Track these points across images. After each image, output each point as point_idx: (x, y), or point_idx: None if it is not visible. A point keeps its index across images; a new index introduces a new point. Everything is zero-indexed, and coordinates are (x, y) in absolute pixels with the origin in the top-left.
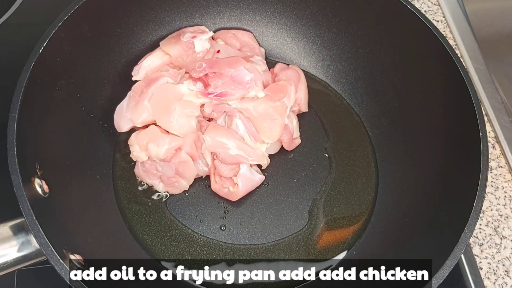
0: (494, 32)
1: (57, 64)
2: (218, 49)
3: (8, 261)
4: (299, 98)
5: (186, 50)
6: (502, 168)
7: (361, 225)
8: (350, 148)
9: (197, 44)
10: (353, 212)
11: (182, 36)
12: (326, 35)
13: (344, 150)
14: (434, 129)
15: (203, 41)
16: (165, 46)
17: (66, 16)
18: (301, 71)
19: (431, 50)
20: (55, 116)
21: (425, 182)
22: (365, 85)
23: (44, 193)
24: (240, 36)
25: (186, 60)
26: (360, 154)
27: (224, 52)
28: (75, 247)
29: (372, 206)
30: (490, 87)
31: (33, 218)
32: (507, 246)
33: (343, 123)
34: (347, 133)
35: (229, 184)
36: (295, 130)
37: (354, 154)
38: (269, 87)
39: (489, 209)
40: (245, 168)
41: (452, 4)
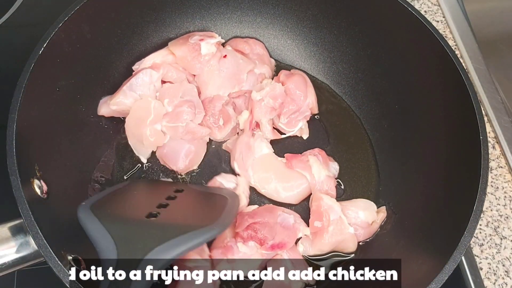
0: (494, 33)
1: (57, 65)
2: (225, 54)
3: (7, 262)
4: (310, 102)
5: (191, 52)
6: (502, 169)
7: None
8: (351, 151)
9: (203, 47)
10: None
11: (191, 38)
12: (327, 37)
13: (344, 153)
14: (434, 131)
15: (209, 44)
16: (172, 46)
17: (67, 17)
18: (305, 74)
19: (431, 51)
20: (55, 117)
21: (425, 185)
22: (366, 87)
23: (43, 194)
24: (252, 44)
25: (190, 61)
26: (361, 157)
27: (231, 57)
28: (74, 248)
29: None
30: (490, 87)
31: (32, 220)
32: (507, 247)
33: (344, 125)
34: (348, 135)
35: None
36: (304, 134)
37: (354, 157)
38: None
39: (489, 210)
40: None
41: (452, 5)
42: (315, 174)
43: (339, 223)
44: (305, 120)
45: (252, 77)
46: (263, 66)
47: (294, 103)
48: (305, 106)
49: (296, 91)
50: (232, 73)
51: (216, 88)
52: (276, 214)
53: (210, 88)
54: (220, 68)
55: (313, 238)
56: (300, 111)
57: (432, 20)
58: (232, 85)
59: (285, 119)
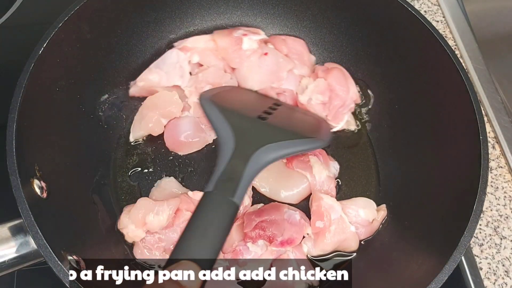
0: (494, 32)
1: (57, 65)
2: (266, 51)
3: (6, 262)
4: (353, 94)
5: (233, 45)
6: (502, 169)
7: None
8: (350, 151)
9: (245, 42)
10: None
11: (235, 32)
12: (326, 37)
13: (344, 153)
14: (434, 131)
15: (252, 40)
16: (216, 35)
17: (66, 17)
18: (341, 67)
19: (431, 50)
20: (54, 117)
21: (425, 185)
22: (365, 87)
23: (42, 194)
24: (291, 42)
25: (231, 54)
26: (360, 157)
27: (272, 55)
28: (74, 248)
29: None
30: (490, 87)
31: (32, 219)
32: (507, 246)
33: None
34: (348, 135)
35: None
36: (351, 126)
37: (354, 157)
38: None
39: (489, 209)
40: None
41: (452, 5)
42: (316, 174)
43: (341, 222)
44: (349, 112)
45: (292, 77)
46: (302, 67)
47: (338, 98)
48: (349, 99)
49: (338, 86)
50: (272, 71)
51: (256, 83)
52: (282, 211)
53: (250, 83)
54: (259, 65)
55: (315, 239)
56: (345, 104)
57: (432, 20)
58: (271, 81)
59: (332, 115)
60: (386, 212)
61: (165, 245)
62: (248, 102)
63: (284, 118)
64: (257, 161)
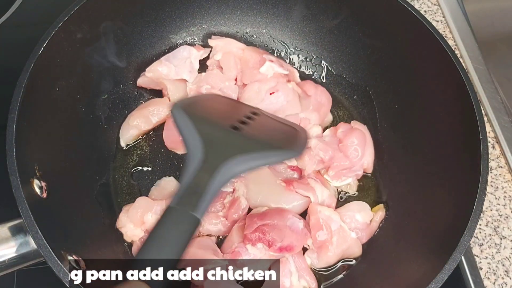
0: (494, 32)
1: (57, 65)
2: (278, 88)
3: (6, 262)
4: (366, 162)
5: (255, 62)
6: (502, 168)
7: None
8: None
9: (266, 65)
10: None
11: (266, 54)
12: (326, 37)
13: None
14: (434, 131)
15: (271, 68)
16: (248, 47)
17: (66, 16)
18: (365, 129)
19: (430, 50)
20: (54, 117)
21: (425, 185)
22: (365, 88)
23: (42, 194)
24: (319, 91)
25: (248, 68)
26: None
27: (282, 94)
28: (74, 248)
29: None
30: (490, 87)
31: (32, 219)
32: (507, 246)
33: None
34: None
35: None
36: (350, 190)
37: None
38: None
39: (489, 209)
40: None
41: (452, 4)
42: (319, 194)
43: (341, 231)
44: (355, 178)
45: (294, 119)
46: (312, 112)
47: (347, 159)
48: (358, 165)
49: (352, 148)
50: (273, 110)
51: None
52: (285, 217)
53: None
54: (264, 97)
55: (318, 252)
56: (352, 169)
57: (432, 20)
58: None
59: (333, 173)
60: (384, 212)
61: None
62: (224, 111)
63: (259, 128)
64: (224, 173)
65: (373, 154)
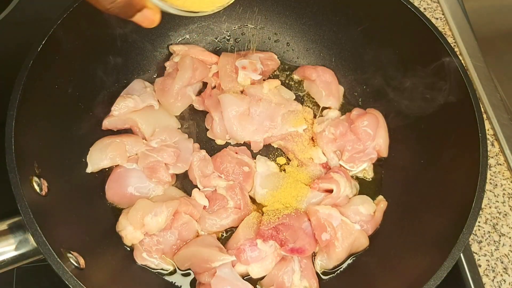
0: (493, 30)
1: (56, 62)
2: (252, 106)
3: (6, 260)
4: (378, 144)
5: (230, 71)
6: (501, 166)
7: None
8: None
9: (241, 75)
10: None
11: (238, 60)
12: (326, 34)
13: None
14: (433, 129)
15: (246, 76)
16: (222, 54)
17: (65, 13)
18: (379, 115)
19: (430, 48)
20: (53, 115)
21: (424, 182)
22: (365, 84)
23: (42, 192)
24: (320, 71)
25: (225, 73)
26: None
27: (257, 107)
28: (73, 245)
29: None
30: (489, 85)
31: (31, 217)
32: (506, 244)
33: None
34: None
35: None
36: (367, 175)
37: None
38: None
39: (487, 207)
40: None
41: (451, 2)
42: (342, 188)
43: (344, 225)
44: (370, 162)
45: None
46: (328, 98)
47: (360, 142)
48: (371, 148)
49: (364, 130)
50: (270, 115)
51: (248, 134)
52: (301, 220)
53: (240, 135)
54: (251, 114)
55: (327, 251)
56: (365, 152)
57: (431, 17)
58: (264, 130)
59: (347, 157)
60: (385, 202)
61: (164, 248)
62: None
63: None
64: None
65: (387, 138)
